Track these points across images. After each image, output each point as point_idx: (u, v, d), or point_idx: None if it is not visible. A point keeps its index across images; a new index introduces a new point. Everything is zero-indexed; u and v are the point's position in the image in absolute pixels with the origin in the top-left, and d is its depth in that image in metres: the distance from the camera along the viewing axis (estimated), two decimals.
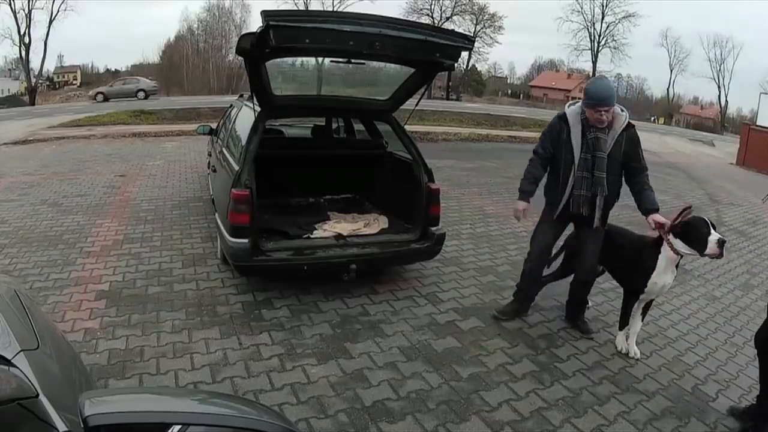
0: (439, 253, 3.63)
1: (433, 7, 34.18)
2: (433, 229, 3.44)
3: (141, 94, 22.16)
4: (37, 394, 0.92)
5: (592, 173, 2.78)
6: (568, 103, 2.94)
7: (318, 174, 4.22)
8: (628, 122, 2.78)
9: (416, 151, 3.58)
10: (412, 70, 3.38)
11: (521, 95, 43.36)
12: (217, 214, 3.58)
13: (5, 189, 5.90)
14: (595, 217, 2.84)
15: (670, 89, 42.45)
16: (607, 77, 2.82)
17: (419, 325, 3.00)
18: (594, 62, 37.22)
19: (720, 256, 2.50)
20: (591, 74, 37.72)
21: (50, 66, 35.32)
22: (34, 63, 31.40)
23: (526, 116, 21.70)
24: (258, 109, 3.29)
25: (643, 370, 2.70)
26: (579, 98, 2.91)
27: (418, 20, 27.52)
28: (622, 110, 2.80)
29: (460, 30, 19.35)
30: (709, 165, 13.51)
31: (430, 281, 3.66)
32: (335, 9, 29.91)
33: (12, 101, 27.72)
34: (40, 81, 32.94)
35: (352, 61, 3.12)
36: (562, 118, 2.86)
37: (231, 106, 5.19)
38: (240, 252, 2.96)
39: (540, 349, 2.85)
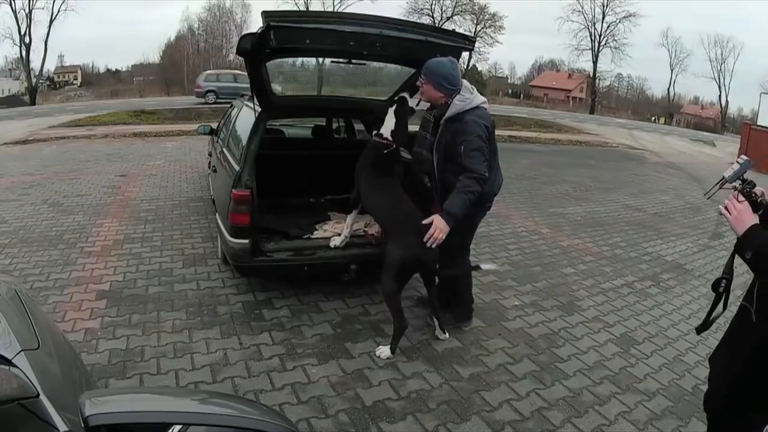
0: None
1: (433, 7, 34.03)
2: None
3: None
4: (38, 394, 0.92)
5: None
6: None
7: (318, 174, 4.21)
8: (456, 114, 2.55)
9: None
10: (413, 70, 3.38)
11: (522, 95, 43.22)
12: (217, 215, 3.58)
13: (5, 189, 5.91)
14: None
15: (671, 89, 42.29)
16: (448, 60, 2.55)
17: (419, 324, 3.00)
18: (594, 62, 37.06)
19: None
20: (592, 74, 37.69)
21: (51, 66, 35.22)
22: (35, 63, 31.30)
23: (527, 116, 21.69)
24: (258, 109, 3.29)
25: (644, 370, 2.70)
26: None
27: (418, 20, 27.64)
28: (461, 100, 2.55)
29: (461, 30, 19.37)
30: (709, 165, 13.47)
31: None
32: (336, 9, 29.86)
33: (12, 101, 27.67)
34: (40, 81, 32.89)
35: (353, 61, 3.13)
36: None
37: (231, 106, 5.18)
38: (240, 252, 2.96)
39: (540, 349, 2.85)
